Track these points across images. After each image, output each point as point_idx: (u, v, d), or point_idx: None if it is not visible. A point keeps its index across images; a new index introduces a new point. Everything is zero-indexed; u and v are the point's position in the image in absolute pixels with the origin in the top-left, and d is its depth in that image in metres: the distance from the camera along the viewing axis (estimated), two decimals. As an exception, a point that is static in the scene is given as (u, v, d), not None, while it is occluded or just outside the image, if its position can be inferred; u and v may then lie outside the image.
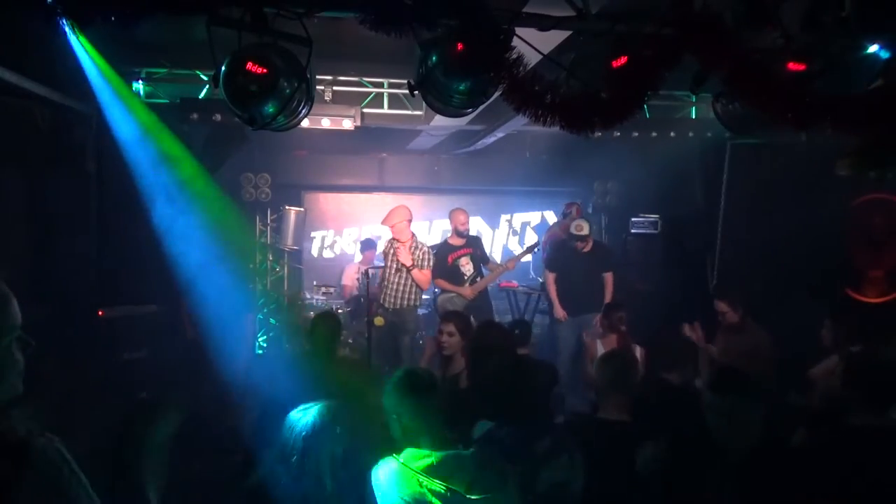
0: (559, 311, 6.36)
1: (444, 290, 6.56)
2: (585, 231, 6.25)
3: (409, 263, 6.05)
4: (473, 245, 6.68)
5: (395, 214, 6.21)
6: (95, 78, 4.73)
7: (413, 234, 6.27)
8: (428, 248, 6.28)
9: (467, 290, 6.42)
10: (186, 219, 5.53)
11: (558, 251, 6.68)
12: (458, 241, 6.61)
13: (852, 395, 2.65)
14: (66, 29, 2.75)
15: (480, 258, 6.65)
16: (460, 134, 7.30)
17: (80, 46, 4.43)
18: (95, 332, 5.44)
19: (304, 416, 2.07)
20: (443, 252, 6.56)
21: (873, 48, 3.21)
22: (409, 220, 6.23)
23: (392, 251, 6.23)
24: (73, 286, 5.50)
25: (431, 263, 6.14)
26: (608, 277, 6.36)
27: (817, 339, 4.13)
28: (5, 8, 3.27)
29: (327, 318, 4.15)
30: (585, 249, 6.36)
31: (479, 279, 6.51)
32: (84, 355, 5.31)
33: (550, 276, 6.52)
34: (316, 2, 3.00)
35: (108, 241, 5.29)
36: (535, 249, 7.09)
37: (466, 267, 6.52)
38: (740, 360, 3.59)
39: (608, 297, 6.18)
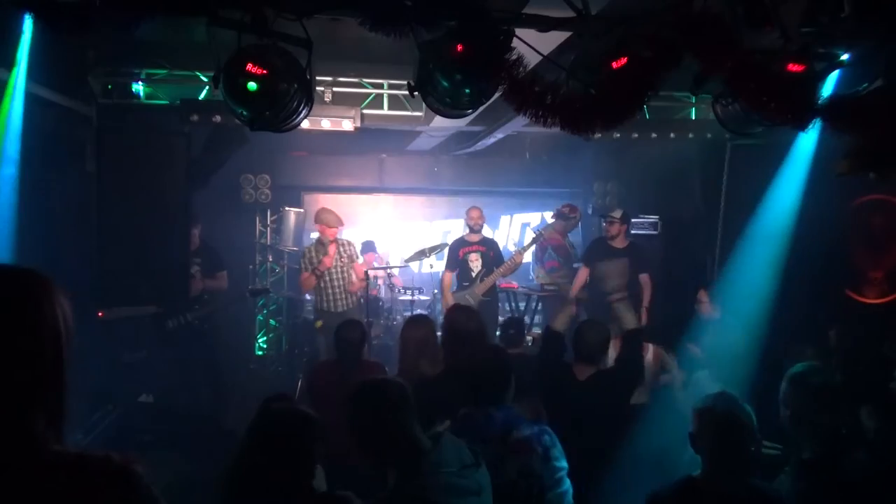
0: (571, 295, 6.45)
1: (457, 290, 6.58)
2: (617, 214, 6.38)
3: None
4: (487, 245, 6.71)
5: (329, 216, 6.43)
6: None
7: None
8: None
9: (448, 300, 6.37)
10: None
11: (592, 248, 6.70)
12: (472, 238, 6.72)
13: None
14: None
15: (493, 260, 6.64)
16: (460, 135, 7.31)
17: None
18: (95, 334, 5.43)
19: None
20: (456, 245, 6.74)
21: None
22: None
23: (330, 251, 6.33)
24: (72, 287, 5.49)
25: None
26: (644, 280, 6.26)
27: (820, 340, 4.17)
28: (4, 9, 3.28)
29: (353, 325, 4.12)
30: (618, 245, 6.38)
31: (486, 278, 6.52)
32: (84, 357, 5.31)
33: (583, 272, 6.55)
34: (316, 3, 3.00)
35: (108, 242, 5.28)
36: (540, 240, 7.04)
37: (475, 263, 6.56)
38: (719, 355, 3.58)
39: (646, 301, 6.16)
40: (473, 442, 2.33)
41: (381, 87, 6.31)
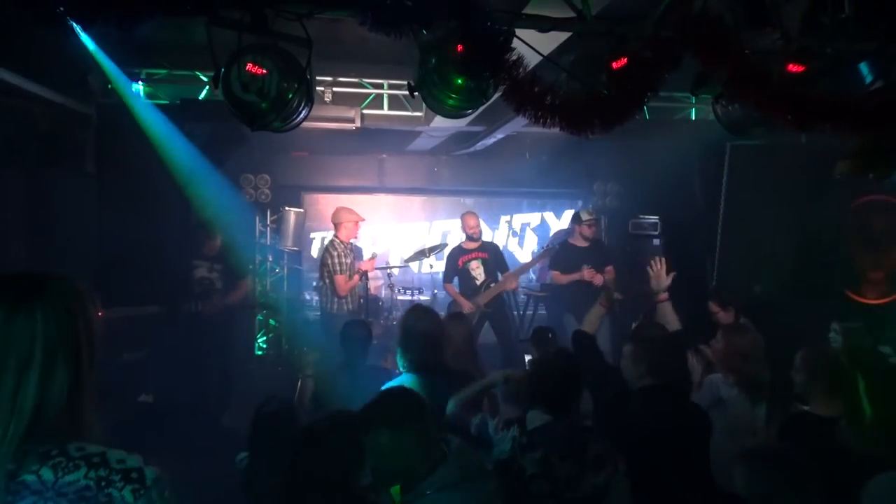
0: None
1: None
2: (594, 215, 6.58)
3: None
4: (488, 251, 6.46)
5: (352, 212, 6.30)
6: (106, 77, 4.97)
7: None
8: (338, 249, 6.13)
9: (467, 305, 6.17)
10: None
11: (561, 252, 6.69)
12: (470, 245, 6.46)
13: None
14: (75, 30, 2.74)
15: (495, 265, 6.41)
16: (460, 135, 7.30)
17: (89, 47, 4.53)
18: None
19: None
20: (454, 255, 6.48)
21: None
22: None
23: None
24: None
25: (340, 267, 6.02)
26: (609, 271, 6.33)
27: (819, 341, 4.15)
28: (6, 8, 3.28)
29: (359, 324, 4.07)
30: (584, 245, 6.44)
31: (493, 286, 6.30)
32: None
33: (555, 275, 6.49)
34: (316, 3, 3.00)
35: (108, 241, 5.28)
36: (551, 253, 6.90)
37: (477, 271, 6.32)
38: (736, 360, 3.60)
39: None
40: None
41: (381, 87, 6.31)
